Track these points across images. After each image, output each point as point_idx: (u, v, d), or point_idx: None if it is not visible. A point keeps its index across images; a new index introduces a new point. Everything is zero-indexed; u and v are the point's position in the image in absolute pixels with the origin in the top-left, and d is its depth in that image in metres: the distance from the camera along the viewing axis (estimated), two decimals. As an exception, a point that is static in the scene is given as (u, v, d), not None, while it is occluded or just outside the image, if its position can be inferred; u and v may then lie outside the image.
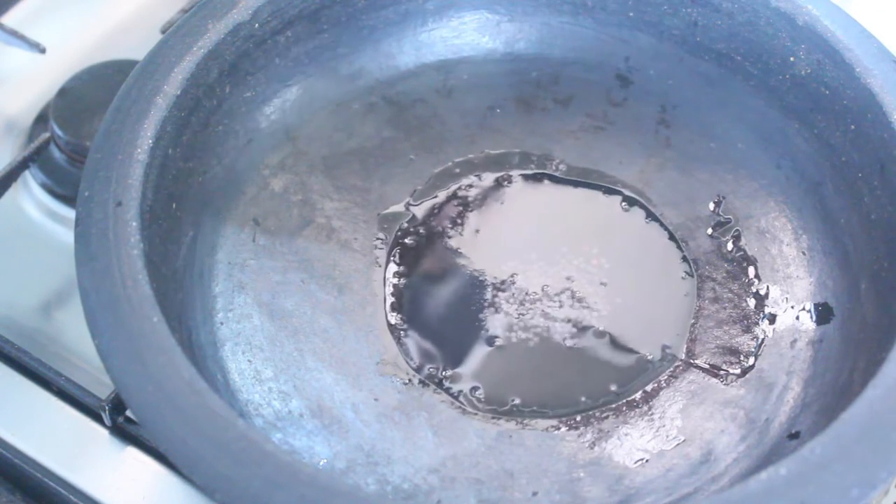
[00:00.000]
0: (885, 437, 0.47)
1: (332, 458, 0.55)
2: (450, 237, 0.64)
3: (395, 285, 0.62)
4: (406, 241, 0.64)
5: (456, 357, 0.60)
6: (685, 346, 0.60)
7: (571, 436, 0.57)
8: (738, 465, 0.56)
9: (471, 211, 0.65)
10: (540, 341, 0.60)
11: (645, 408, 0.58)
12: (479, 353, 0.60)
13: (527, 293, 0.62)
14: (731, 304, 0.62)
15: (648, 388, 0.59)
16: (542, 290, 0.62)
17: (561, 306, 0.62)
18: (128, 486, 0.57)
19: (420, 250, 0.64)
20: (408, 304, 0.62)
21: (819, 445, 0.47)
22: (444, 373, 0.59)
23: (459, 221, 0.65)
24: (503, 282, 0.63)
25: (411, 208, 0.66)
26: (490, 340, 0.60)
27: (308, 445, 0.56)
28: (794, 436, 0.56)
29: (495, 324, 0.61)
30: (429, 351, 0.60)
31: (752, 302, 0.62)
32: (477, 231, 0.65)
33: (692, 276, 0.63)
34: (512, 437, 0.57)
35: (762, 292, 0.62)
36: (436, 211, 0.65)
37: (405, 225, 0.65)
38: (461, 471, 0.56)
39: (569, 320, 0.61)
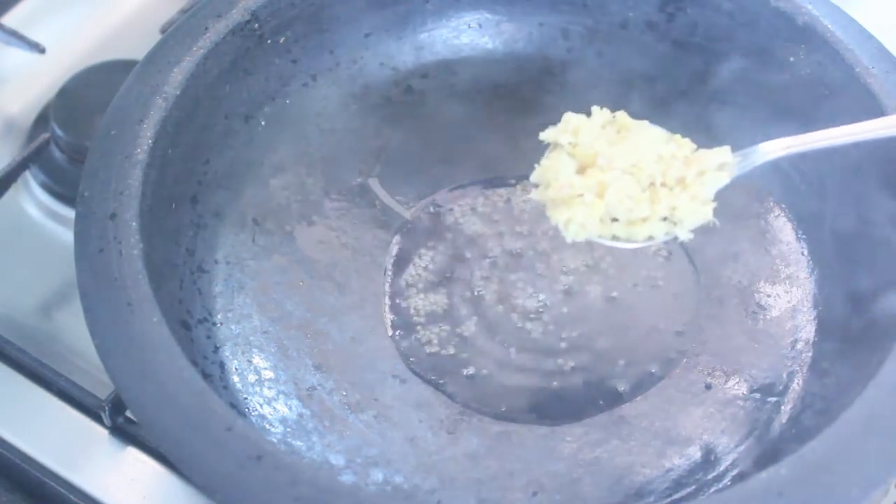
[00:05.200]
0: (885, 437, 0.47)
1: (331, 457, 0.55)
2: (450, 237, 0.64)
3: (395, 285, 0.62)
4: (406, 240, 0.64)
5: (456, 357, 0.60)
6: (687, 346, 0.60)
7: (571, 436, 0.57)
8: (738, 465, 0.56)
9: (472, 212, 0.65)
10: (541, 343, 0.60)
11: (645, 408, 0.58)
12: (479, 353, 0.60)
13: (529, 293, 0.62)
14: (732, 305, 0.62)
15: (650, 388, 0.59)
16: (545, 290, 0.62)
17: (563, 307, 0.62)
18: (128, 486, 0.57)
19: (420, 251, 0.64)
20: (408, 304, 0.62)
21: (819, 445, 0.47)
22: (443, 373, 0.59)
23: (460, 222, 0.65)
24: (505, 282, 0.63)
25: (411, 208, 0.65)
26: (491, 341, 0.60)
27: (308, 445, 0.56)
28: (794, 435, 0.56)
29: (496, 324, 0.61)
30: (428, 351, 0.60)
31: (752, 303, 0.62)
32: (478, 232, 0.65)
33: (695, 276, 0.63)
34: (512, 437, 0.57)
35: (763, 293, 0.62)
36: (436, 211, 0.65)
37: (405, 225, 0.65)
38: (461, 471, 0.56)
39: (571, 321, 0.61)
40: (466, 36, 0.71)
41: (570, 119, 0.56)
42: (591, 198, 0.53)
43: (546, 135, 0.56)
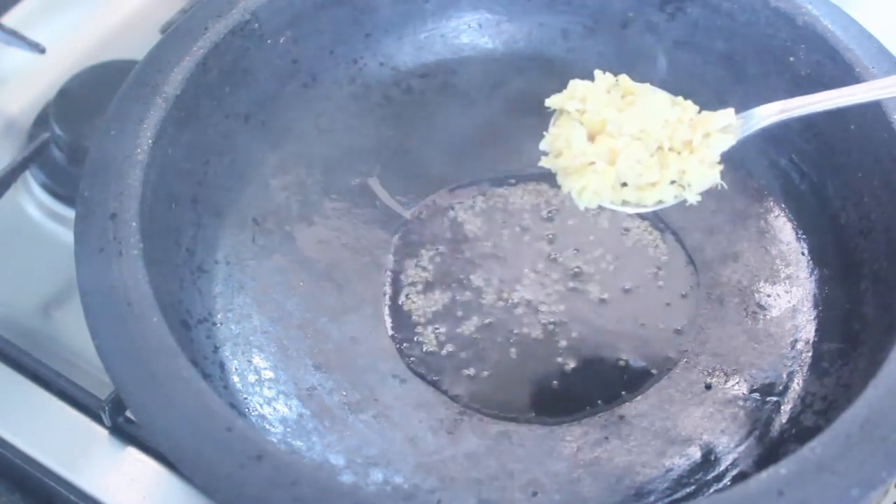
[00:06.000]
0: (885, 437, 0.47)
1: (331, 457, 0.55)
2: (450, 237, 0.64)
3: (395, 286, 0.62)
4: (406, 241, 0.64)
5: (456, 358, 0.60)
6: (687, 346, 0.60)
7: (571, 436, 0.57)
8: (738, 465, 0.56)
9: (472, 212, 0.65)
10: (541, 343, 0.60)
11: (645, 407, 0.58)
12: (479, 353, 0.60)
13: (529, 293, 0.62)
14: (732, 305, 0.62)
15: (650, 388, 0.59)
16: (545, 291, 0.62)
17: (563, 308, 0.62)
18: (128, 486, 0.57)
19: (420, 251, 0.64)
20: (408, 304, 0.62)
21: (819, 445, 0.47)
22: (443, 373, 0.59)
23: (460, 222, 0.65)
24: (505, 282, 0.63)
25: (411, 208, 0.65)
26: (490, 342, 0.60)
27: (308, 445, 0.56)
28: (794, 435, 0.56)
29: (496, 324, 0.61)
30: (428, 352, 0.60)
31: (752, 303, 0.62)
32: (478, 232, 0.65)
33: (695, 276, 0.63)
34: (512, 437, 0.57)
35: (763, 293, 0.62)
36: (436, 211, 0.65)
37: (405, 225, 0.65)
38: (461, 471, 0.56)
39: (570, 321, 0.61)
40: (466, 36, 0.71)
41: (577, 86, 0.57)
42: (603, 165, 0.54)
43: (552, 101, 0.57)
